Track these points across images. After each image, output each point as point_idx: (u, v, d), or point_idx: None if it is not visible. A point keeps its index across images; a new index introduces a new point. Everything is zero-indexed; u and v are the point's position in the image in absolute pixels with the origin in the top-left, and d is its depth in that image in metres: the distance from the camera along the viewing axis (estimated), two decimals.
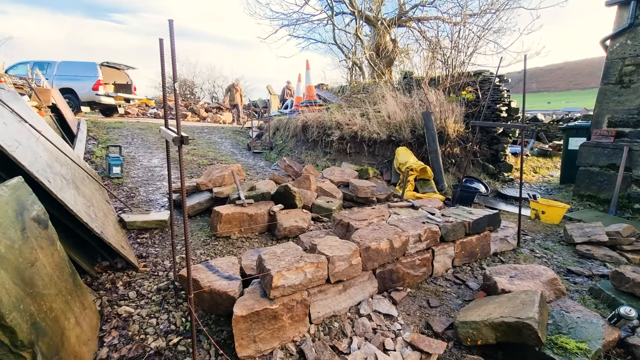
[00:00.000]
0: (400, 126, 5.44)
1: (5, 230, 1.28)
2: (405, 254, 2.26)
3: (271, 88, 10.76)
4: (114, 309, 1.87)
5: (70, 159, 2.91)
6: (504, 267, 2.28)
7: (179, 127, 1.36)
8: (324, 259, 1.82)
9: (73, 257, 1.92)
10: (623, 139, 4.63)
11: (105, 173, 4.29)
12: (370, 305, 1.98)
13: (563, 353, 1.53)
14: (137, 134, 7.28)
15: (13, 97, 3.17)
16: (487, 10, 7.86)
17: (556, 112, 24.27)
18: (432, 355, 1.65)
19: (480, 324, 1.68)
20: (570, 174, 5.63)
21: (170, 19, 1.28)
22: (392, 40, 10.75)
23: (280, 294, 1.66)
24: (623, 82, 4.64)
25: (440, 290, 2.25)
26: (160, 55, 1.58)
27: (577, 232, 3.19)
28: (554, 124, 11.73)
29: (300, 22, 11.49)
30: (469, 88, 6.07)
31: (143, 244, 2.68)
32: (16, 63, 9.55)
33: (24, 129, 2.56)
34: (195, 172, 4.84)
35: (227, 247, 2.74)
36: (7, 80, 6.04)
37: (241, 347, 1.55)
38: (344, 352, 1.65)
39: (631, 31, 4.54)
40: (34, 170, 1.79)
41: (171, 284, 2.09)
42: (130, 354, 1.58)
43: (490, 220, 2.78)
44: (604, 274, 2.57)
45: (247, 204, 3.06)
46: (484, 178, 5.63)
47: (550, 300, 2.00)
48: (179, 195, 3.46)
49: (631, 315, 1.73)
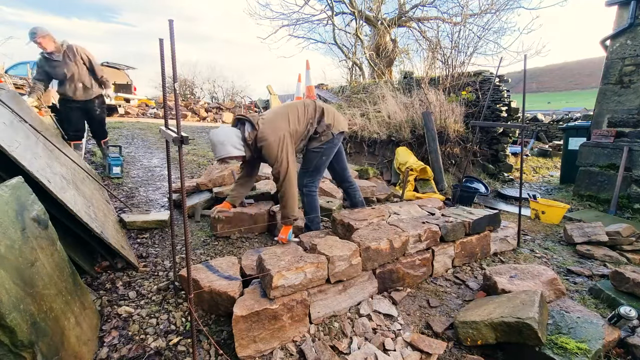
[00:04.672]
0: (400, 126, 5.44)
1: (5, 230, 1.28)
2: (405, 254, 2.26)
3: (271, 88, 10.75)
4: (114, 309, 1.86)
5: (70, 159, 2.91)
6: (504, 267, 2.28)
7: (179, 127, 1.36)
8: (324, 259, 1.82)
9: (73, 257, 1.92)
10: (623, 139, 4.63)
11: (105, 173, 4.29)
12: (370, 305, 1.98)
13: (563, 353, 1.53)
14: (137, 134, 7.28)
15: (13, 97, 3.17)
16: (487, 10, 7.87)
17: (556, 112, 24.29)
18: (432, 355, 1.65)
19: (480, 324, 1.68)
20: (570, 174, 5.63)
21: (170, 19, 1.28)
22: (392, 40, 10.75)
23: (280, 294, 1.66)
24: (623, 82, 4.64)
25: (440, 290, 2.25)
26: (160, 55, 1.58)
27: (577, 232, 3.19)
28: (554, 124, 11.75)
29: (300, 22, 11.50)
30: (469, 88, 6.07)
31: (143, 244, 2.68)
32: (16, 63, 9.54)
33: (24, 129, 2.56)
34: (195, 172, 4.84)
35: (227, 247, 2.74)
36: (7, 80, 6.05)
37: (241, 347, 1.55)
38: (344, 352, 1.65)
39: (631, 31, 4.54)
40: (34, 170, 1.79)
41: (171, 284, 2.09)
42: (130, 354, 1.58)
43: (490, 220, 2.78)
44: (604, 274, 2.57)
45: (247, 204, 3.06)
46: (484, 178, 5.63)
47: (550, 300, 2.00)
48: (179, 195, 3.46)
49: (631, 315, 1.73)
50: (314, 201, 2.74)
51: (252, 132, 2.32)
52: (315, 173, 2.67)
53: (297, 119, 2.45)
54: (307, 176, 2.67)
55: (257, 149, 2.35)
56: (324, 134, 2.54)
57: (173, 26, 1.28)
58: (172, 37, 1.28)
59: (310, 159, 2.63)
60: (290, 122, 2.40)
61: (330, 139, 2.56)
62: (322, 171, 2.72)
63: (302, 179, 2.68)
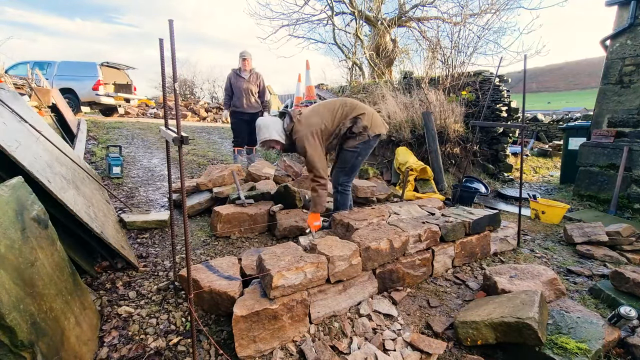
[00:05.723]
0: (400, 126, 5.44)
1: (5, 230, 1.28)
2: (405, 254, 2.26)
3: (271, 88, 10.76)
4: (114, 309, 1.86)
5: (70, 159, 2.91)
6: (504, 267, 2.28)
7: (179, 127, 1.36)
8: (324, 259, 1.82)
9: (73, 257, 1.92)
10: (623, 139, 4.63)
11: (105, 173, 4.29)
12: (370, 305, 1.98)
13: (563, 353, 1.53)
14: (137, 134, 7.28)
15: (13, 97, 3.17)
16: (487, 10, 7.86)
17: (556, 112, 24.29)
18: (432, 355, 1.65)
19: (480, 324, 1.68)
20: (570, 174, 5.63)
21: (170, 19, 1.28)
22: (392, 40, 10.74)
23: (280, 294, 1.66)
24: (623, 82, 4.64)
25: (440, 290, 2.25)
26: (160, 55, 1.58)
27: (577, 232, 3.19)
28: (554, 124, 11.74)
29: (300, 22, 11.47)
30: (469, 88, 6.06)
31: (143, 244, 2.68)
32: (16, 63, 9.54)
33: (24, 129, 2.56)
34: (195, 172, 4.84)
35: (227, 247, 2.74)
36: (7, 80, 6.05)
37: (241, 347, 1.55)
38: (344, 352, 1.65)
39: (631, 31, 4.54)
40: (34, 170, 1.79)
41: (171, 284, 2.09)
42: (130, 354, 1.58)
43: (490, 220, 2.78)
44: (604, 274, 2.57)
45: (247, 204, 3.06)
46: (484, 178, 5.63)
47: (550, 300, 2.00)
48: (179, 195, 3.46)
49: (631, 315, 1.73)
50: (347, 199, 2.90)
51: (290, 124, 2.57)
52: (350, 172, 2.82)
53: (330, 117, 2.61)
54: (343, 175, 2.80)
55: (292, 140, 2.58)
56: (360, 135, 2.64)
57: (173, 26, 1.28)
58: (172, 37, 1.28)
59: (346, 159, 2.74)
60: (323, 120, 2.58)
61: (366, 140, 2.66)
62: (357, 170, 2.89)
63: (338, 177, 2.84)
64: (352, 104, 2.70)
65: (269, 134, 2.54)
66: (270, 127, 2.56)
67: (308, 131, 2.49)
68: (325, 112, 2.61)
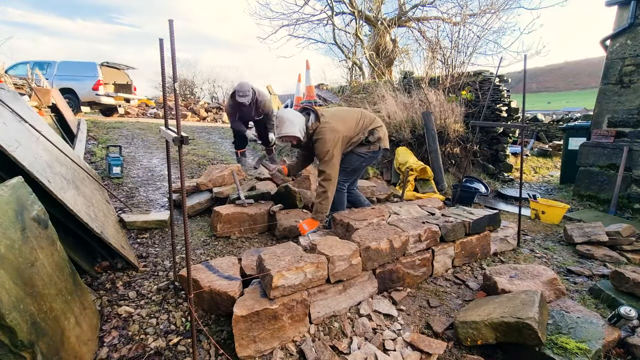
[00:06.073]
0: (400, 126, 5.43)
1: (5, 230, 1.28)
2: (405, 254, 2.25)
3: (271, 88, 10.74)
4: (114, 309, 1.86)
5: (70, 159, 2.91)
6: (504, 267, 2.28)
7: (179, 127, 1.36)
8: (324, 259, 1.82)
9: (73, 257, 1.92)
10: (623, 139, 4.63)
11: (105, 173, 4.29)
12: (370, 305, 1.98)
13: (563, 353, 1.53)
14: (137, 134, 7.27)
15: (13, 97, 3.17)
16: (487, 10, 7.86)
17: (556, 112, 24.30)
18: (432, 355, 1.65)
19: (480, 324, 1.68)
20: (570, 174, 5.63)
21: (170, 19, 1.28)
22: (392, 40, 10.75)
23: (280, 294, 1.66)
24: (623, 82, 4.64)
25: (440, 290, 2.25)
26: (160, 55, 1.58)
27: (577, 232, 3.19)
28: (554, 124, 11.74)
29: (300, 22, 11.49)
30: (469, 88, 6.06)
31: (143, 244, 2.68)
32: (16, 63, 9.54)
33: (24, 129, 2.56)
34: (195, 172, 4.83)
35: (227, 247, 2.74)
36: (7, 80, 6.05)
37: (241, 347, 1.55)
38: (344, 352, 1.65)
39: (631, 31, 4.54)
40: (34, 170, 1.79)
41: (171, 284, 2.09)
42: (130, 354, 1.58)
43: (490, 220, 2.78)
44: (604, 274, 2.57)
45: (247, 204, 3.06)
46: (484, 178, 5.63)
47: (550, 300, 2.00)
48: (179, 195, 3.46)
49: (631, 315, 1.73)
50: (342, 196, 2.90)
51: (315, 124, 2.56)
52: (350, 174, 2.84)
53: (354, 127, 2.66)
54: (344, 174, 2.80)
55: (311, 140, 2.58)
56: (373, 145, 2.72)
57: (173, 26, 1.28)
58: (172, 37, 1.28)
59: (351, 161, 2.76)
60: (348, 128, 2.61)
61: (376, 150, 2.75)
62: (356, 175, 2.95)
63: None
64: (369, 116, 2.79)
65: (293, 130, 2.50)
66: (295, 123, 2.51)
67: (333, 136, 2.49)
68: (350, 121, 2.64)
